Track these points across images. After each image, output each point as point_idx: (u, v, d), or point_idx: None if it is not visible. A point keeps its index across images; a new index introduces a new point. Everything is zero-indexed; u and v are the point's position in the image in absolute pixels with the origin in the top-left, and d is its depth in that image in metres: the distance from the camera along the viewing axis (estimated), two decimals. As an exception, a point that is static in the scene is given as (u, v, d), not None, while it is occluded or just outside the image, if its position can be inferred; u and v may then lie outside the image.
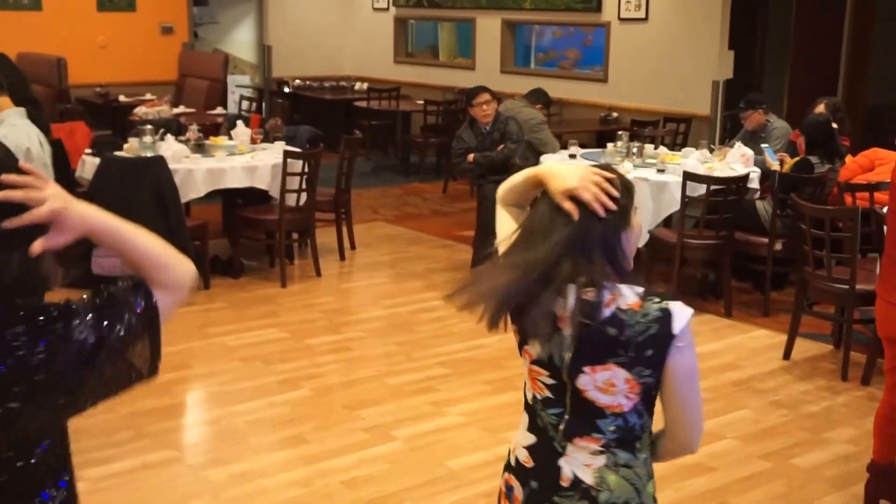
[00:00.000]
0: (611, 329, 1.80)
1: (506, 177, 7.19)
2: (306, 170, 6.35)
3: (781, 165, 6.27)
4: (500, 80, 9.97)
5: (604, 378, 1.84)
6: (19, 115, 4.09)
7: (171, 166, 5.99)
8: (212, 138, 6.94)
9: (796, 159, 6.15)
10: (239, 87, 11.63)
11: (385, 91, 11.02)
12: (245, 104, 10.25)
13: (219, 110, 9.74)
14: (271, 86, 11.69)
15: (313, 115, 10.42)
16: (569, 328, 1.82)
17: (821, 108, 6.40)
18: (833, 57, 9.75)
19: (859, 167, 6.03)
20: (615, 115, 9.23)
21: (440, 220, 8.46)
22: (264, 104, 10.91)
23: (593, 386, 1.85)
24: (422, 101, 10.58)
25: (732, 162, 6.39)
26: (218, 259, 6.68)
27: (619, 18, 9.29)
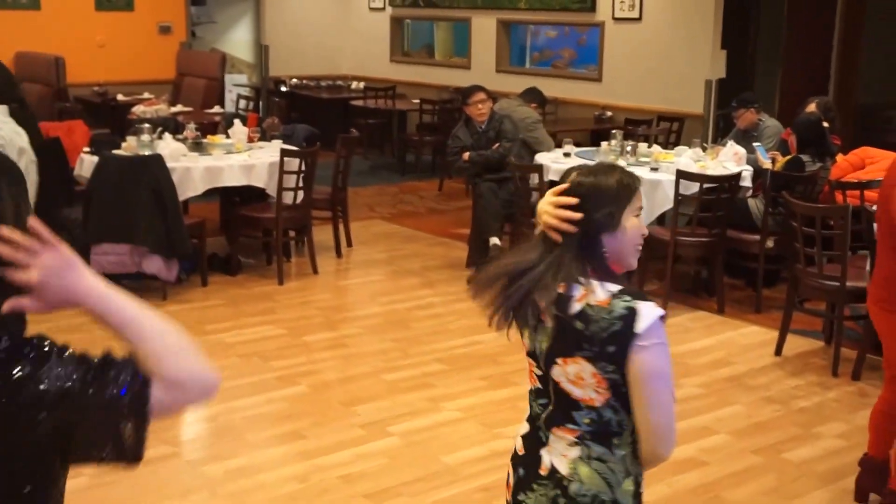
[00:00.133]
0: (579, 323, 1.87)
1: (501, 175, 7.23)
2: (303, 168, 6.34)
3: (773, 164, 6.28)
4: (495, 80, 9.97)
5: (574, 371, 1.90)
6: (2, 112, 4.06)
7: (169, 165, 5.99)
8: (209, 137, 6.93)
9: (788, 158, 6.16)
10: (236, 86, 11.62)
11: (381, 90, 11.01)
12: (242, 103, 10.24)
13: (216, 109, 9.72)
14: (268, 85, 11.68)
15: (310, 113, 10.40)
16: (549, 321, 1.92)
17: (812, 108, 6.41)
18: (824, 57, 9.77)
19: (850, 165, 6.03)
20: (609, 114, 9.24)
21: (436, 218, 8.46)
22: (261, 103, 10.90)
23: (565, 378, 1.93)
24: (418, 100, 10.58)
25: (725, 160, 6.39)
26: (216, 256, 6.67)
27: (614, 18, 9.29)
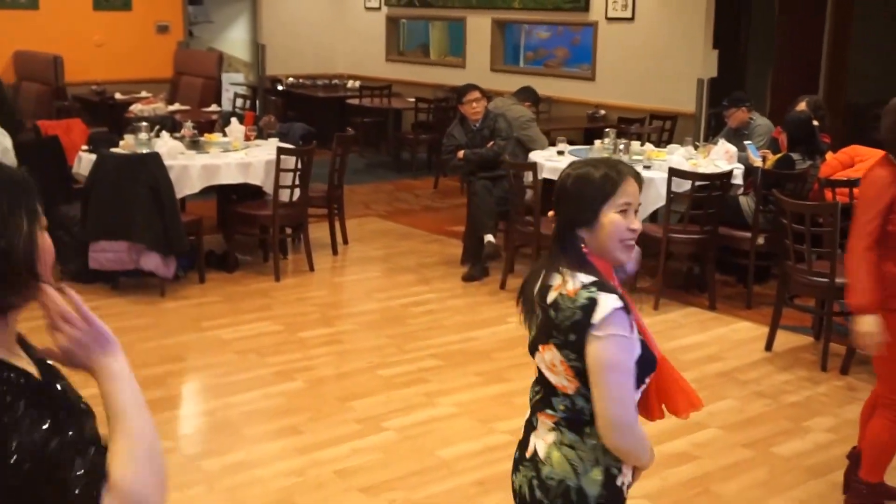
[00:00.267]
0: (552, 312, 1.94)
1: (495, 173, 7.23)
2: (299, 166, 6.34)
3: (764, 162, 6.29)
4: (490, 79, 9.98)
5: (549, 358, 1.97)
6: None
7: (167, 162, 5.98)
8: (206, 135, 6.92)
9: (778, 156, 6.18)
10: (233, 84, 11.60)
11: (377, 89, 11.00)
12: (239, 102, 10.22)
13: (213, 108, 9.71)
14: (265, 84, 11.65)
15: (306, 112, 10.39)
16: (538, 310, 2.01)
17: (802, 106, 6.42)
18: (814, 56, 9.79)
19: (839, 164, 6.05)
20: (602, 112, 9.24)
21: (431, 216, 8.46)
22: (258, 102, 10.88)
23: (544, 365, 1.99)
24: (413, 99, 10.57)
25: (716, 159, 6.40)
26: (213, 254, 6.67)
27: (607, 18, 9.29)
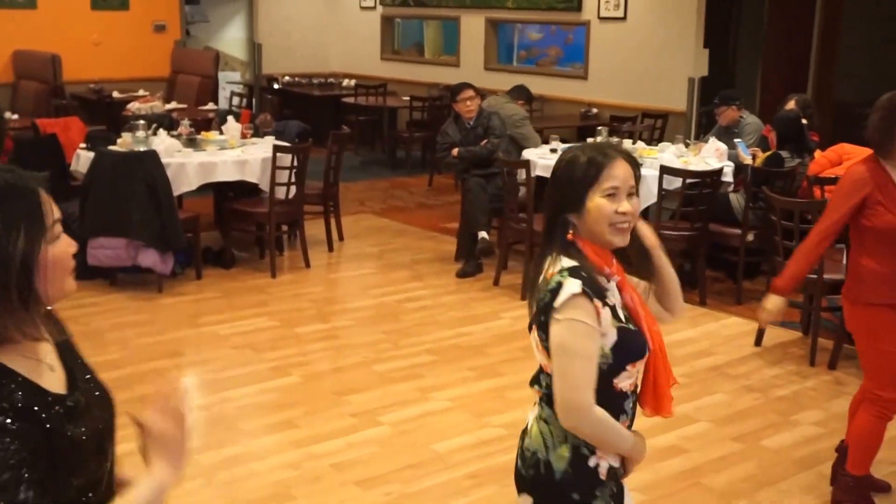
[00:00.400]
0: (537, 294, 2.00)
1: (489, 170, 7.20)
2: (295, 164, 6.34)
3: (754, 160, 6.30)
4: (483, 77, 9.98)
5: (533, 337, 2.02)
6: None
7: (164, 160, 5.97)
8: (203, 133, 6.91)
9: (768, 154, 6.19)
10: (230, 83, 11.59)
11: (372, 87, 10.99)
12: (236, 100, 10.21)
13: (210, 106, 9.70)
14: (261, 82, 11.65)
15: (302, 110, 10.37)
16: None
17: (791, 105, 6.43)
18: (803, 55, 9.81)
19: (828, 161, 6.06)
20: (595, 110, 9.26)
21: (425, 213, 8.47)
22: (254, 100, 10.86)
23: (533, 343, 2.05)
24: (408, 98, 10.58)
25: (707, 156, 6.42)
26: (210, 250, 6.66)
27: (599, 17, 9.30)
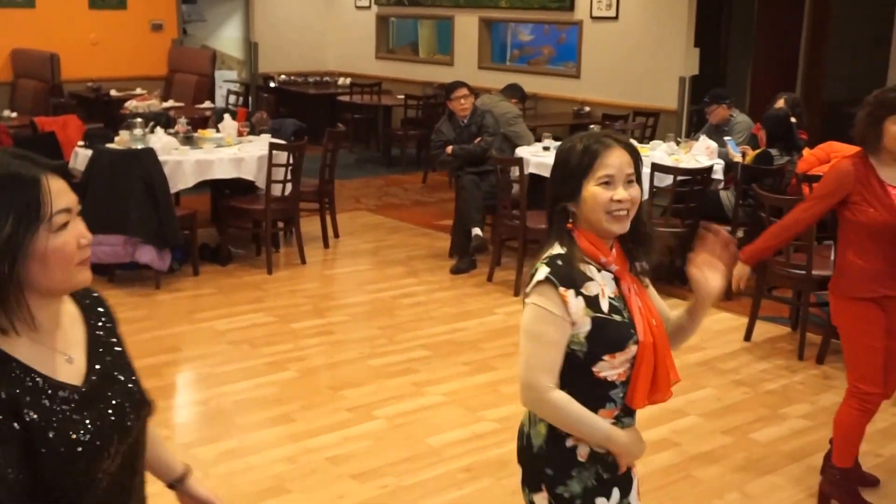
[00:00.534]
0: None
1: (483, 168, 7.18)
2: (291, 161, 6.33)
3: (743, 157, 6.32)
4: (477, 76, 9.97)
5: None
6: None
7: (161, 158, 5.97)
8: (200, 131, 6.91)
9: (757, 151, 6.20)
10: (226, 82, 11.56)
11: (367, 86, 10.98)
12: (232, 98, 10.20)
13: (207, 104, 9.68)
14: (257, 81, 11.62)
15: (298, 108, 10.36)
16: None
17: (781, 104, 6.45)
18: (792, 56, 9.84)
19: (816, 159, 6.08)
20: (587, 109, 9.26)
21: (420, 210, 8.46)
22: (251, 98, 10.84)
23: None
24: (402, 96, 10.56)
25: (698, 154, 6.43)
26: (206, 247, 6.66)
27: (591, 17, 9.30)
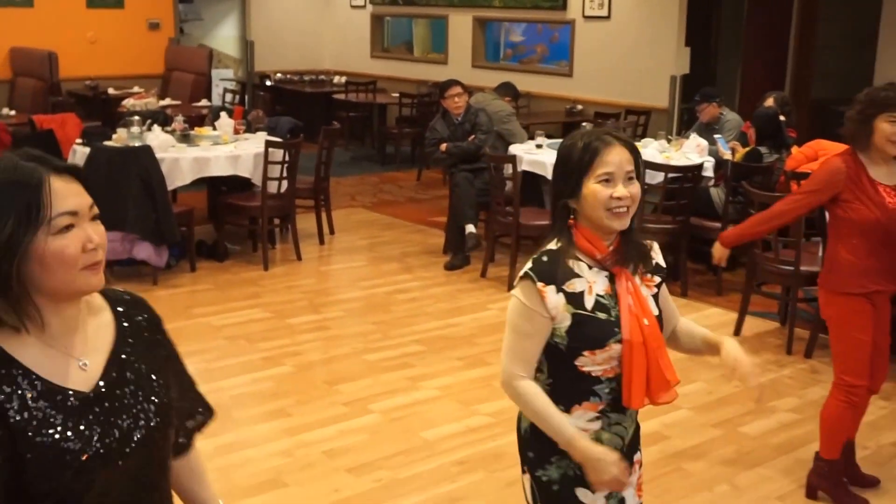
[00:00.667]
0: None
1: (476, 165, 7.18)
2: (287, 159, 6.33)
3: (733, 154, 6.33)
4: (471, 74, 9.97)
5: None
6: None
7: (158, 155, 5.95)
8: (197, 129, 6.90)
9: (747, 149, 6.22)
10: (223, 80, 11.55)
11: (362, 84, 10.97)
12: (229, 97, 10.18)
13: (203, 102, 9.66)
14: (254, 79, 11.61)
15: (294, 107, 10.35)
16: None
17: (770, 102, 6.46)
18: (781, 55, 9.85)
19: (804, 157, 6.09)
20: (580, 107, 9.27)
21: (414, 207, 8.46)
22: (247, 96, 10.82)
23: None
24: (397, 94, 10.56)
25: (688, 152, 6.44)
26: (203, 243, 6.65)
27: (584, 16, 9.30)
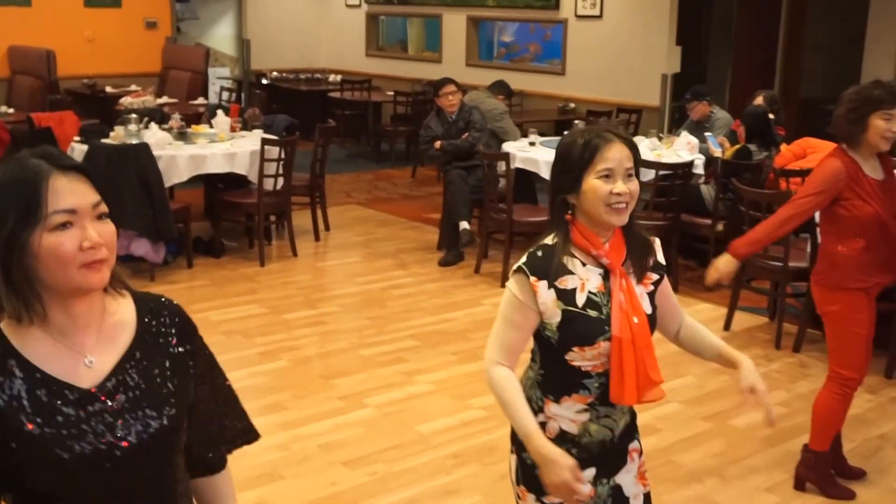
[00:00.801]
0: None
1: (470, 163, 7.19)
2: (283, 156, 6.32)
3: (723, 153, 6.34)
4: (465, 73, 9.97)
5: None
6: None
7: (156, 153, 5.94)
8: (193, 127, 6.88)
9: (737, 147, 6.23)
10: (219, 78, 11.49)
11: (357, 83, 10.96)
12: (225, 95, 10.16)
13: (200, 100, 9.65)
14: (250, 77, 11.59)
15: (290, 105, 10.33)
16: None
17: (759, 100, 6.47)
18: (770, 54, 9.87)
19: (793, 155, 6.11)
20: (572, 105, 9.27)
21: (409, 204, 8.46)
22: (243, 95, 10.81)
23: None
24: (392, 93, 10.55)
25: (679, 149, 6.45)
26: (200, 240, 6.64)
27: (576, 16, 9.31)
